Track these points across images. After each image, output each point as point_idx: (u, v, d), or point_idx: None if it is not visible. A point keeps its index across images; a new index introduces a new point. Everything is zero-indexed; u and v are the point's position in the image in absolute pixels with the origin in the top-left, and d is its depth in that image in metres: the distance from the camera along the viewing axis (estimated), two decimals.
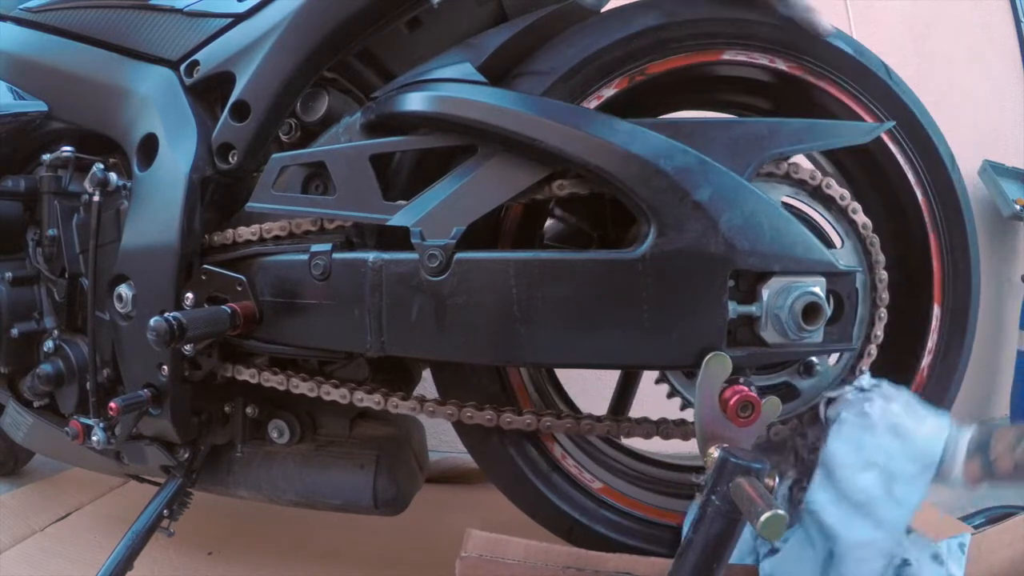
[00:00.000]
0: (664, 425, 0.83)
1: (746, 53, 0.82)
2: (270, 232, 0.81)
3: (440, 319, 0.72)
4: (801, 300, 0.69)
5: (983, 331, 0.89)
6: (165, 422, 0.84)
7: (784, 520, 0.53)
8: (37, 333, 0.95)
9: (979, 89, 2.25)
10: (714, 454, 0.64)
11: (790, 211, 0.75)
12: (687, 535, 0.63)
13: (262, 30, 0.83)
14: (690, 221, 0.69)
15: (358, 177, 0.76)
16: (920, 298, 0.88)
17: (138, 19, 0.92)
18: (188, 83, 0.87)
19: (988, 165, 2.13)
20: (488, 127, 0.71)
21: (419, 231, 0.72)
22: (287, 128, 0.87)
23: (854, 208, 0.79)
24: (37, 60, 0.97)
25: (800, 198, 0.80)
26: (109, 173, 0.87)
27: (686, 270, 0.69)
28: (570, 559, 0.81)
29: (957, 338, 0.88)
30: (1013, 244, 2.30)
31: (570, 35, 0.80)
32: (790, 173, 0.77)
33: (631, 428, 0.82)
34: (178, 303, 0.81)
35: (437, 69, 0.77)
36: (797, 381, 0.83)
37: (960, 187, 0.86)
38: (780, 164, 0.77)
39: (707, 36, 0.80)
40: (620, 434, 0.83)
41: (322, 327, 0.77)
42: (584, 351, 0.72)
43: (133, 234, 0.85)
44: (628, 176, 0.69)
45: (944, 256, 0.86)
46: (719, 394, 0.68)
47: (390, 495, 0.89)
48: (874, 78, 0.83)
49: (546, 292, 0.71)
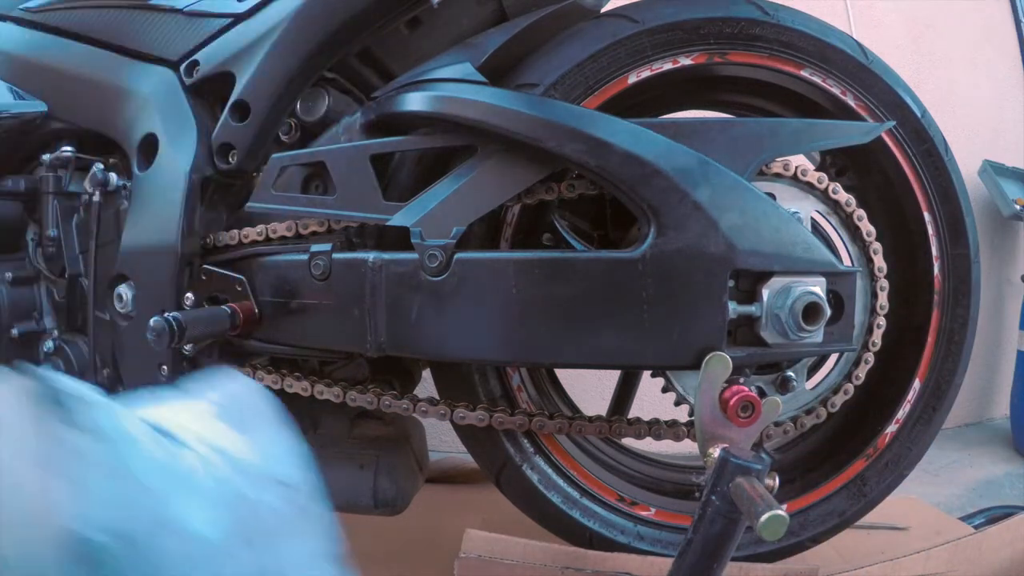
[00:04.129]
0: (656, 425, 0.83)
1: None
2: (267, 233, 0.81)
3: (440, 319, 0.72)
4: (801, 300, 0.69)
5: (983, 331, 0.89)
6: None
7: (785, 520, 0.53)
8: (37, 333, 0.95)
9: (979, 89, 2.26)
10: (714, 454, 0.64)
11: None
12: (687, 535, 0.62)
13: (262, 30, 0.83)
14: (690, 221, 0.68)
15: (358, 177, 0.76)
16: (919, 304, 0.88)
17: (138, 19, 0.92)
18: (188, 83, 0.87)
19: (988, 165, 2.13)
20: (488, 127, 0.71)
21: (419, 231, 0.72)
22: (287, 128, 0.86)
23: (859, 215, 0.80)
24: (37, 60, 0.97)
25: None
26: (109, 173, 0.88)
27: (686, 270, 0.69)
28: (569, 559, 0.81)
29: (957, 341, 0.87)
30: (1013, 244, 2.30)
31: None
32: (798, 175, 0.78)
33: (623, 428, 0.82)
34: (178, 303, 0.81)
35: (437, 69, 0.77)
36: (771, 392, 0.82)
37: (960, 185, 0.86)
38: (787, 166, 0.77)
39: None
40: (613, 434, 0.83)
41: (322, 327, 0.77)
42: (584, 351, 0.71)
43: (133, 234, 0.85)
44: (628, 176, 0.69)
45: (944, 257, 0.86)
46: (719, 394, 0.68)
47: (390, 495, 0.89)
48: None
49: (546, 292, 0.71)
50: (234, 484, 0.29)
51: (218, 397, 0.36)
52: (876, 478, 0.88)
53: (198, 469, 0.28)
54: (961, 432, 2.19)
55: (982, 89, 2.26)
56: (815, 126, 0.76)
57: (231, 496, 0.28)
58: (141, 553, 0.24)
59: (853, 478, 0.88)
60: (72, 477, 0.24)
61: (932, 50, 2.18)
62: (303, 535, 0.32)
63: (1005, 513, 1.18)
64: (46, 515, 0.23)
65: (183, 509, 0.26)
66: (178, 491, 0.27)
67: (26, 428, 0.25)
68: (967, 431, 2.22)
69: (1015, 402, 2.07)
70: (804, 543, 0.88)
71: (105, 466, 0.25)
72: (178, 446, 0.28)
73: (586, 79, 0.78)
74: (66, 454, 0.25)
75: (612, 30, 0.79)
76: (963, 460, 1.94)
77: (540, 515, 0.87)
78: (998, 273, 2.26)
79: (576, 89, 0.78)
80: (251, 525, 0.28)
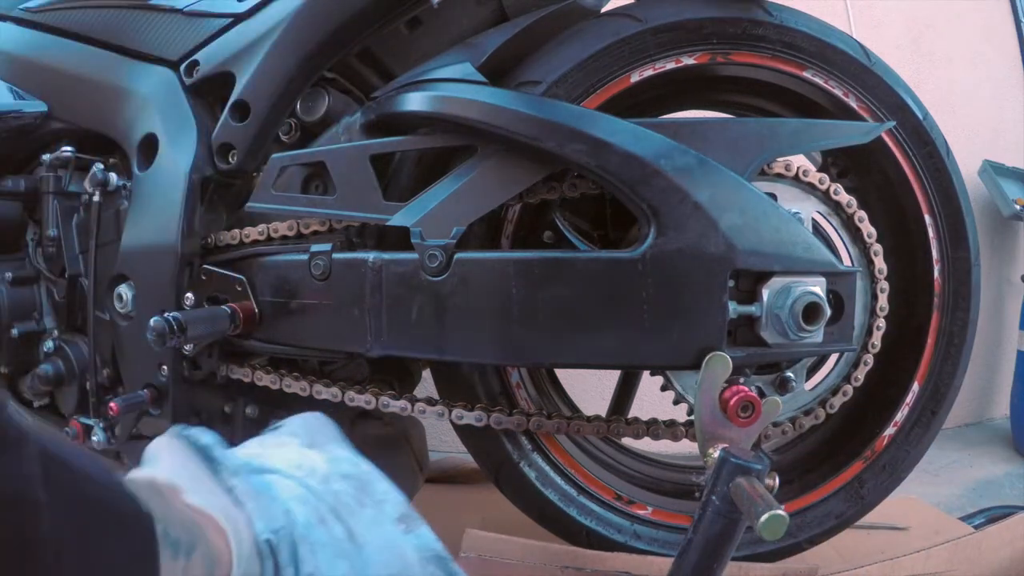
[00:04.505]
0: (655, 426, 0.82)
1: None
2: (267, 233, 0.81)
3: (440, 319, 0.72)
4: (801, 300, 0.69)
5: (983, 331, 0.89)
6: (165, 422, 0.84)
7: (785, 520, 0.53)
8: (37, 333, 0.95)
9: (979, 89, 2.26)
10: (714, 454, 0.64)
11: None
12: (687, 535, 0.62)
13: (262, 30, 0.83)
14: (690, 221, 0.69)
15: (358, 177, 0.76)
16: (919, 306, 0.88)
17: (138, 19, 0.92)
18: (188, 83, 0.87)
19: (988, 165, 2.13)
20: (488, 127, 0.71)
21: (419, 231, 0.72)
22: (287, 128, 0.86)
23: (860, 216, 0.80)
24: (37, 60, 0.97)
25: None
26: (109, 173, 0.88)
27: (686, 270, 0.69)
28: (569, 559, 0.81)
29: (956, 344, 0.87)
30: (1013, 244, 2.30)
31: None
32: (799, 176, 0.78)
33: (622, 428, 0.82)
34: (178, 303, 0.81)
35: (437, 69, 0.77)
36: (770, 392, 0.82)
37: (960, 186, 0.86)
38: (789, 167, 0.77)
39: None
40: (612, 434, 0.83)
41: (322, 327, 0.77)
42: (584, 351, 0.72)
43: (133, 234, 0.85)
44: (628, 176, 0.69)
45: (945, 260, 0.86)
46: (719, 394, 0.68)
47: None
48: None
49: (546, 292, 0.71)
50: (313, 486, 0.41)
51: (291, 428, 0.49)
52: (873, 480, 0.88)
53: (288, 484, 0.41)
54: (961, 432, 2.19)
55: (982, 89, 2.27)
56: (815, 126, 0.76)
57: (314, 493, 0.41)
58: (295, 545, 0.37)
59: (851, 480, 0.88)
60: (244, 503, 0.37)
61: (932, 50, 2.18)
62: (368, 507, 0.43)
63: (1005, 513, 1.17)
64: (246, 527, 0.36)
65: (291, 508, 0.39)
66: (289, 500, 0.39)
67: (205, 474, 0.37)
68: (967, 431, 2.22)
69: (1015, 402, 2.07)
70: (801, 544, 0.87)
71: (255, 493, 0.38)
72: (269, 473, 0.41)
73: (588, 78, 0.78)
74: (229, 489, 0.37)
75: (615, 29, 0.79)
76: (963, 460, 1.94)
77: (538, 513, 0.87)
78: (998, 273, 2.26)
79: (578, 88, 0.78)
80: (333, 509, 0.41)
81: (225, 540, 0.34)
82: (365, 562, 0.40)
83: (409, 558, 0.42)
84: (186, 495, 0.35)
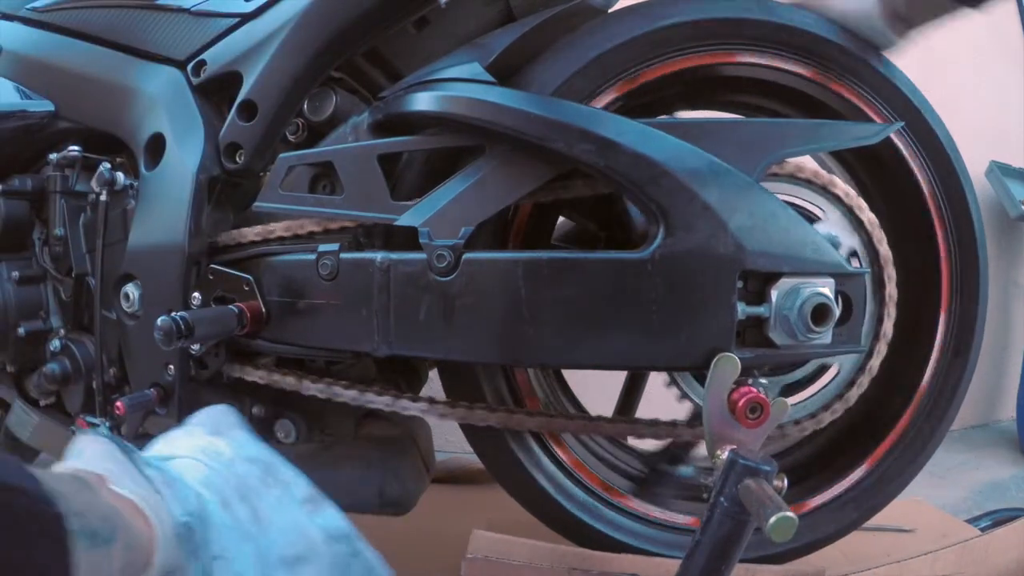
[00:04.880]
0: (660, 426, 0.82)
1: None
2: (274, 233, 0.81)
3: (448, 319, 0.72)
4: (810, 301, 0.69)
5: (989, 333, 0.89)
6: (172, 422, 0.84)
7: (794, 522, 0.53)
8: (43, 332, 0.95)
9: (985, 90, 2.25)
10: (723, 456, 0.64)
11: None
12: (695, 536, 0.62)
13: (269, 30, 0.83)
14: (699, 222, 0.68)
15: (366, 177, 0.76)
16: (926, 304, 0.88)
17: (145, 19, 0.92)
18: (195, 83, 0.87)
19: (995, 166, 2.12)
20: (497, 127, 0.71)
21: (427, 231, 0.72)
22: (294, 128, 0.86)
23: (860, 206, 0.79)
24: (44, 60, 0.97)
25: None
26: (116, 172, 0.88)
27: (695, 271, 0.69)
28: (576, 560, 0.81)
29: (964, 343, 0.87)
30: (1020, 245, 2.30)
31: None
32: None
33: (628, 428, 0.82)
34: (185, 303, 0.81)
35: (445, 69, 0.77)
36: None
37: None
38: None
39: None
40: (618, 435, 0.83)
41: (329, 327, 0.77)
42: (592, 352, 0.71)
43: (140, 233, 0.85)
44: (637, 177, 0.69)
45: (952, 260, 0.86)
46: (728, 395, 0.68)
47: (396, 495, 0.89)
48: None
49: (555, 292, 0.70)
50: (218, 469, 0.44)
51: (197, 419, 0.52)
52: (874, 487, 0.88)
53: (195, 467, 0.44)
54: (967, 434, 2.19)
55: (988, 89, 2.26)
56: (824, 126, 0.76)
57: (219, 476, 0.43)
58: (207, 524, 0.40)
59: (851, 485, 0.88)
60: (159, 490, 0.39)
61: (938, 50, 2.17)
62: (274, 488, 0.45)
63: (1011, 516, 1.17)
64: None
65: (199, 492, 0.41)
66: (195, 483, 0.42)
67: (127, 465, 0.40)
68: (973, 433, 2.22)
69: (1021, 404, 2.06)
70: (800, 549, 0.87)
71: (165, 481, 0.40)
72: (178, 459, 0.45)
73: (596, 78, 0.78)
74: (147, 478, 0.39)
75: (624, 28, 0.78)
76: (969, 462, 1.94)
77: (543, 513, 0.87)
78: (1005, 275, 2.25)
79: (586, 88, 0.78)
80: (238, 491, 0.43)
81: (148, 525, 0.36)
82: (270, 542, 0.42)
83: (314, 537, 0.44)
84: (112, 484, 0.37)
